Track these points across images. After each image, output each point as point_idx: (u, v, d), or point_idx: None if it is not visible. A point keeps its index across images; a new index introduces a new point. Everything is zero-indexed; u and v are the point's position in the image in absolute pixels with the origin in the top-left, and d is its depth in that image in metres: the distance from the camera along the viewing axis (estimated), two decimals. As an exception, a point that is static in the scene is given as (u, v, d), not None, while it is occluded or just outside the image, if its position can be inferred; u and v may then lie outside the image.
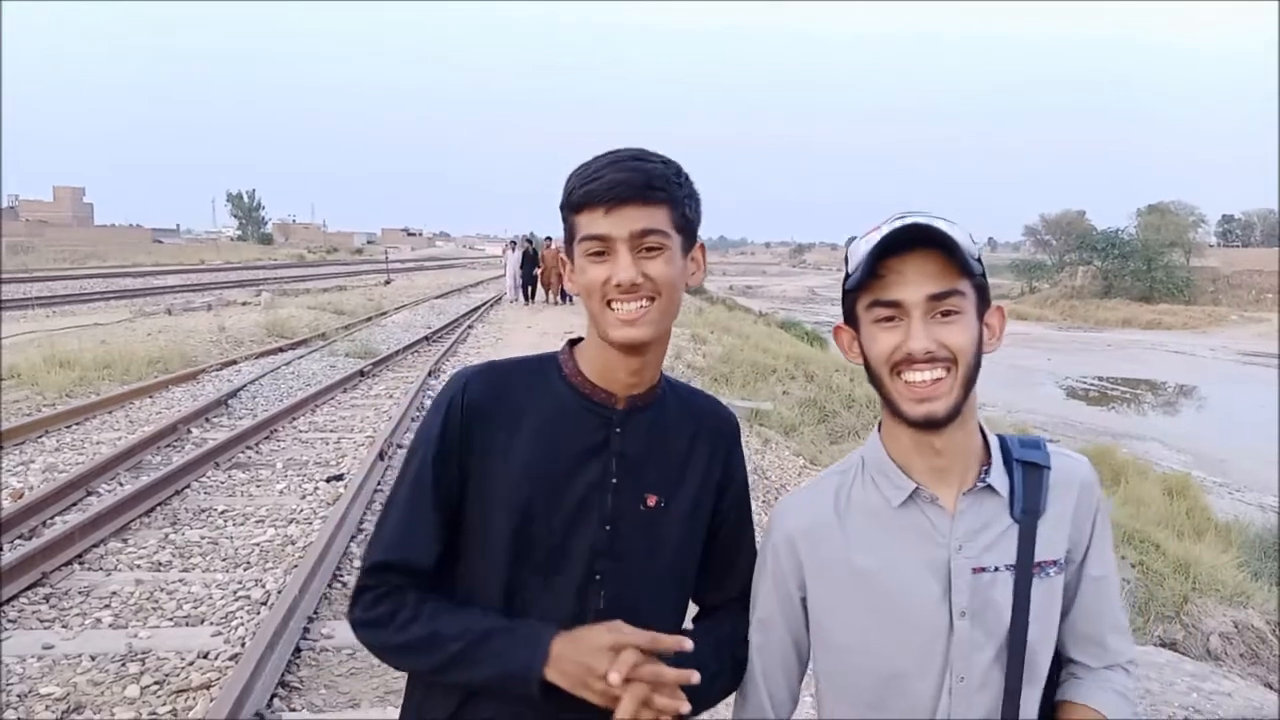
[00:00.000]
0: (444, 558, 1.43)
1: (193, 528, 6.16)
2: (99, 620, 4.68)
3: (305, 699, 4.00)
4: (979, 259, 1.33)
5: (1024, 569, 1.35)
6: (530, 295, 27.20)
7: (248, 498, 6.91)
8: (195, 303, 23.41)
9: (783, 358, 17.54)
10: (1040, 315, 53.17)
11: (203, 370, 12.51)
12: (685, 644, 1.33)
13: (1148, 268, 57.29)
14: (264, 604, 4.88)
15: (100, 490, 6.79)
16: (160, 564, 5.50)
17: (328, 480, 7.36)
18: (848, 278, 1.35)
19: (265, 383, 11.89)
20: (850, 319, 1.38)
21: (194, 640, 4.47)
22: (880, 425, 1.44)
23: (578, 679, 1.30)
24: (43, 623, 4.64)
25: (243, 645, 4.34)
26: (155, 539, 5.88)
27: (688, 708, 1.32)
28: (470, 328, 20.13)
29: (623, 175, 1.34)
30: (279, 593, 4.90)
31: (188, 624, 4.69)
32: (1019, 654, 1.34)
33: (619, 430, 1.44)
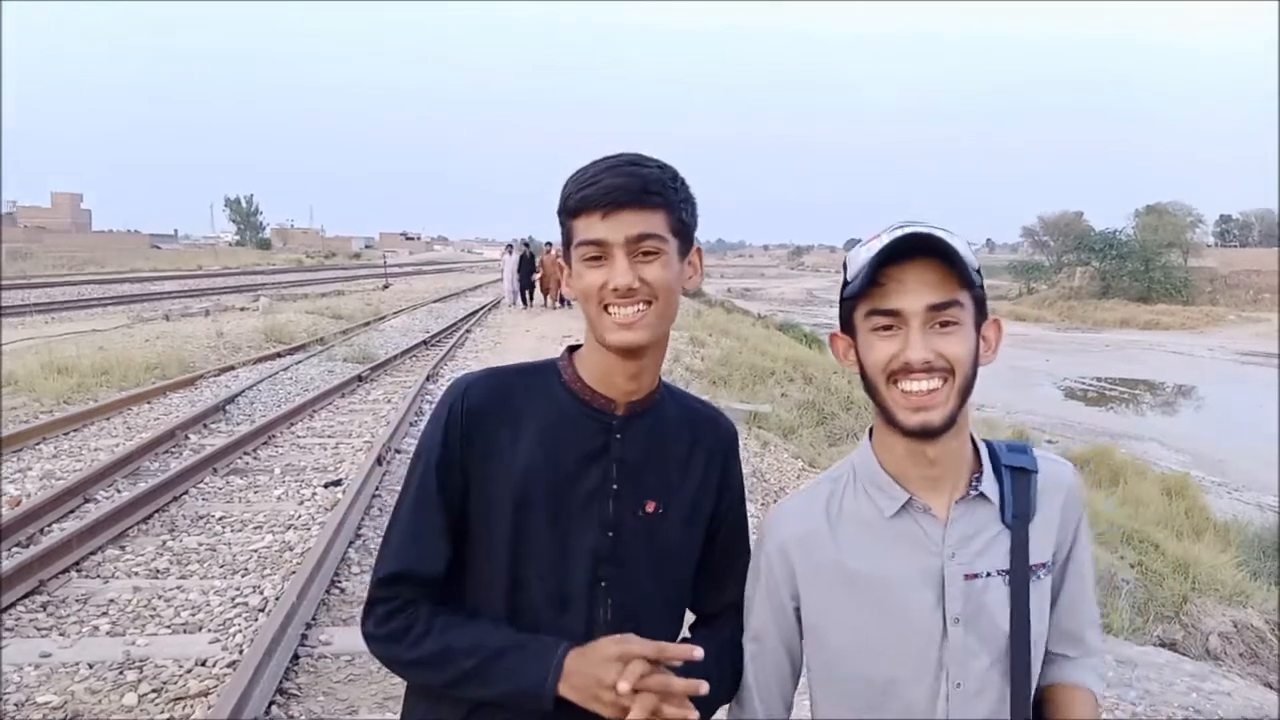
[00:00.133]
0: (452, 565, 1.43)
1: (191, 534, 6.14)
2: (96, 628, 4.67)
3: (304, 706, 3.99)
4: (978, 270, 1.33)
5: (1020, 573, 1.36)
6: (528, 299, 27.19)
7: (246, 504, 6.90)
8: (193, 308, 23.41)
9: (781, 360, 17.55)
10: (1038, 316, 53.22)
11: (201, 376, 12.49)
12: (695, 653, 1.33)
13: (1145, 268, 57.37)
14: (262, 611, 4.87)
15: (98, 497, 6.77)
16: (158, 571, 5.48)
17: (326, 486, 7.35)
18: (846, 285, 1.35)
19: (263, 388, 11.87)
20: (847, 326, 1.38)
21: (192, 647, 4.46)
22: (871, 433, 1.44)
23: (589, 692, 1.30)
24: (40, 631, 4.63)
25: (241, 652, 4.33)
26: (153, 546, 5.86)
27: (695, 716, 1.32)
28: (468, 332, 20.12)
29: (619, 180, 1.34)
30: (277, 599, 4.89)
31: (186, 631, 4.68)
32: (1024, 658, 1.35)
33: (619, 436, 1.44)
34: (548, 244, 26.30)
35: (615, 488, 1.43)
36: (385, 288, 36.17)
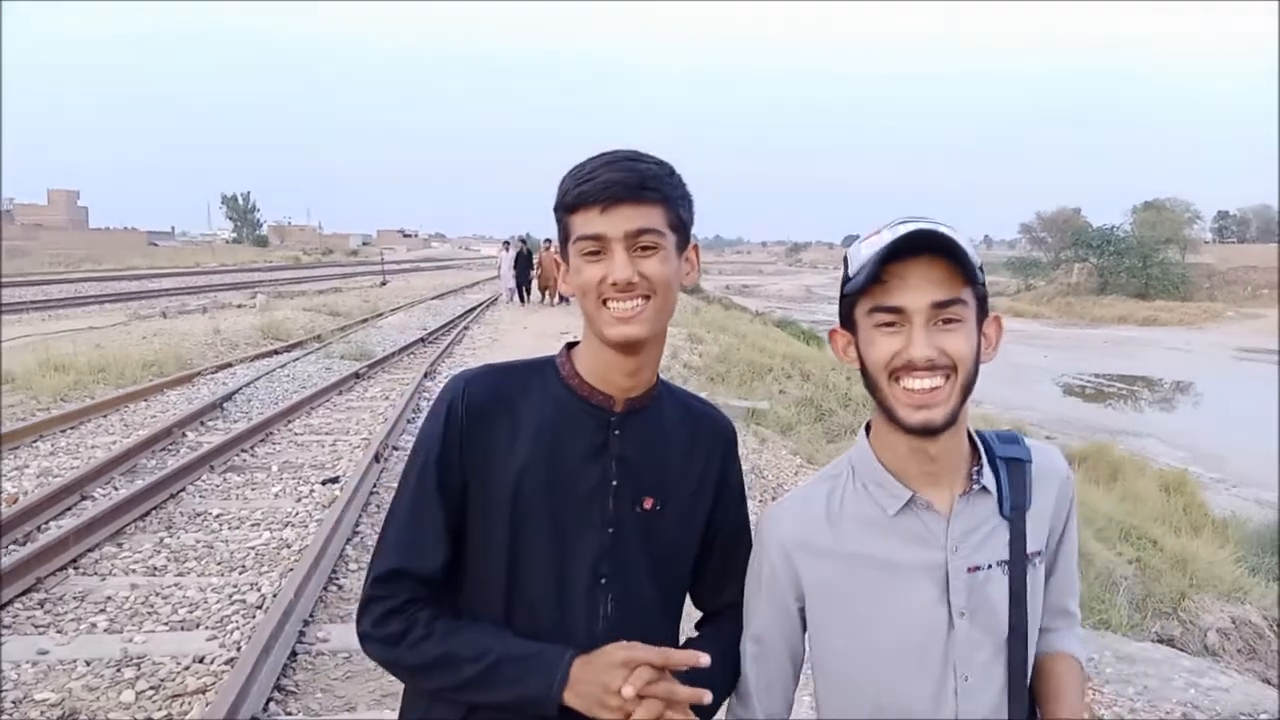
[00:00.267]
0: (450, 563, 1.42)
1: (188, 531, 6.13)
2: (94, 625, 4.66)
3: (301, 703, 3.98)
4: (980, 267, 1.33)
5: (1018, 563, 1.37)
6: (525, 296, 27.14)
7: (243, 501, 6.88)
8: (190, 305, 23.37)
9: (779, 357, 17.54)
10: (1036, 313, 53.30)
11: (198, 373, 12.47)
12: (701, 659, 1.33)
13: (1143, 264, 57.46)
14: (259, 608, 4.86)
15: (95, 494, 6.76)
16: (155, 568, 5.47)
17: (323, 483, 7.34)
18: (847, 281, 1.34)
19: (260, 385, 11.85)
20: (847, 322, 1.37)
21: (189, 644, 4.45)
22: (868, 430, 1.44)
23: (594, 699, 1.30)
24: (38, 628, 4.62)
25: (238, 649, 4.32)
26: (150, 543, 5.85)
27: None
28: (466, 329, 20.11)
29: (617, 175, 1.34)
30: (274, 596, 4.88)
31: (183, 628, 4.66)
32: (1022, 646, 1.37)
33: (617, 433, 1.44)
34: (546, 241, 26.22)
35: (614, 484, 1.43)
36: (383, 285, 36.14)
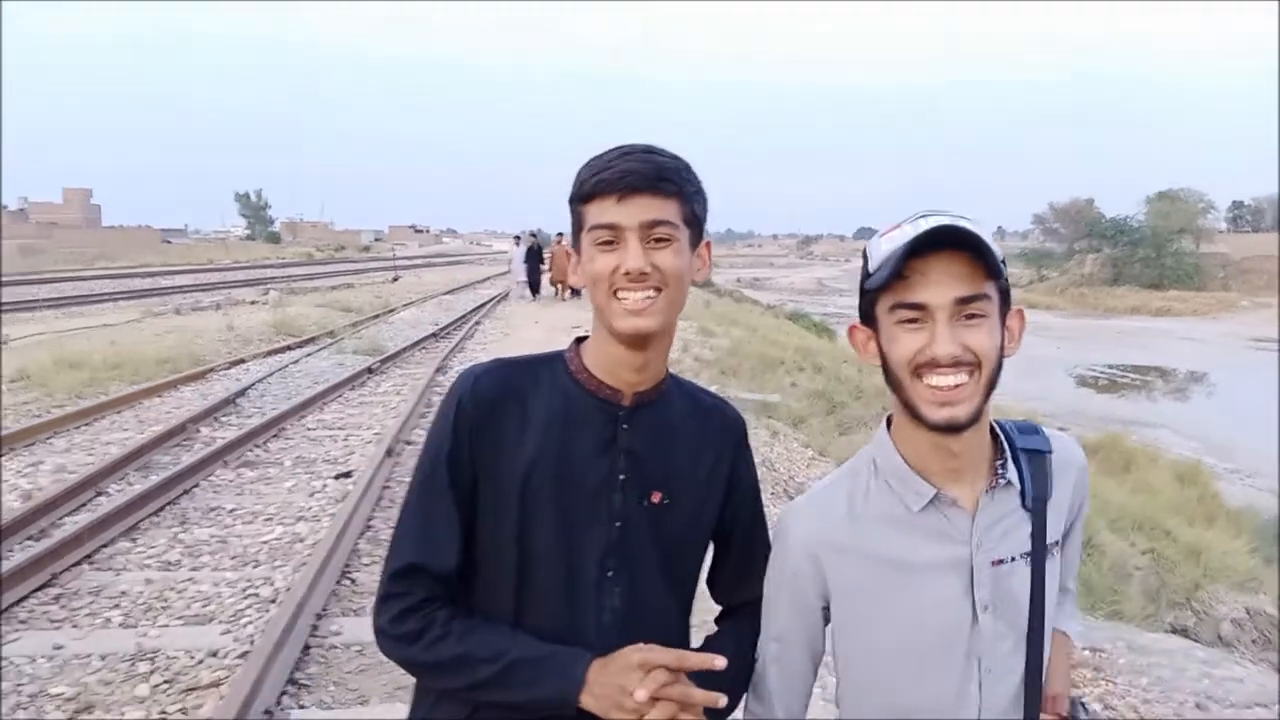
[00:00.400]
0: (463, 557, 1.43)
1: (202, 526, 6.17)
2: (109, 620, 4.69)
3: (314, 696, 4.01)
4: (1003, 261, 1.31)
5: (1039, 555, 1.37)
6: (536, 291, 27.11)
7: (256, 496, 6.92)
8: (204, 302, 23.47)
9: (791, 349, 17.53)
10: (1050, 303, 52.97)
11: (211, 369, 12.55)
12: (717, 662, 1.33)
13: (1157, 255, 57.08)
14: (273, 602, 4.89)
15: (109, 490, 6.81)
16: (169, 563, 5.51)
17: (336, 478, 7.38)
18: (868, 276, 1.33)
19: (273, 381, 11.92)
20: (867, 318, 1.36)
21: (203, 639, 4.48)
22: (889, 425, 1.42)
23: (610, 701, 1.30)
24: (53, 623, 4.65)
25: (252, 643, 4.34)
26: (164, 538, 5.89)
27: None
28: (478, 324, 20.13)
29: (635, 165, 1.34)
30: (288, 590, 4.91)
31: (197, 623, 4.69)
32: (1039, 636, 1.37)
33: (625, 427, 1.44)
34: (558, 235, 26.19)
35: (622, 478, 1.43)
36: (394, 280, 36.22)
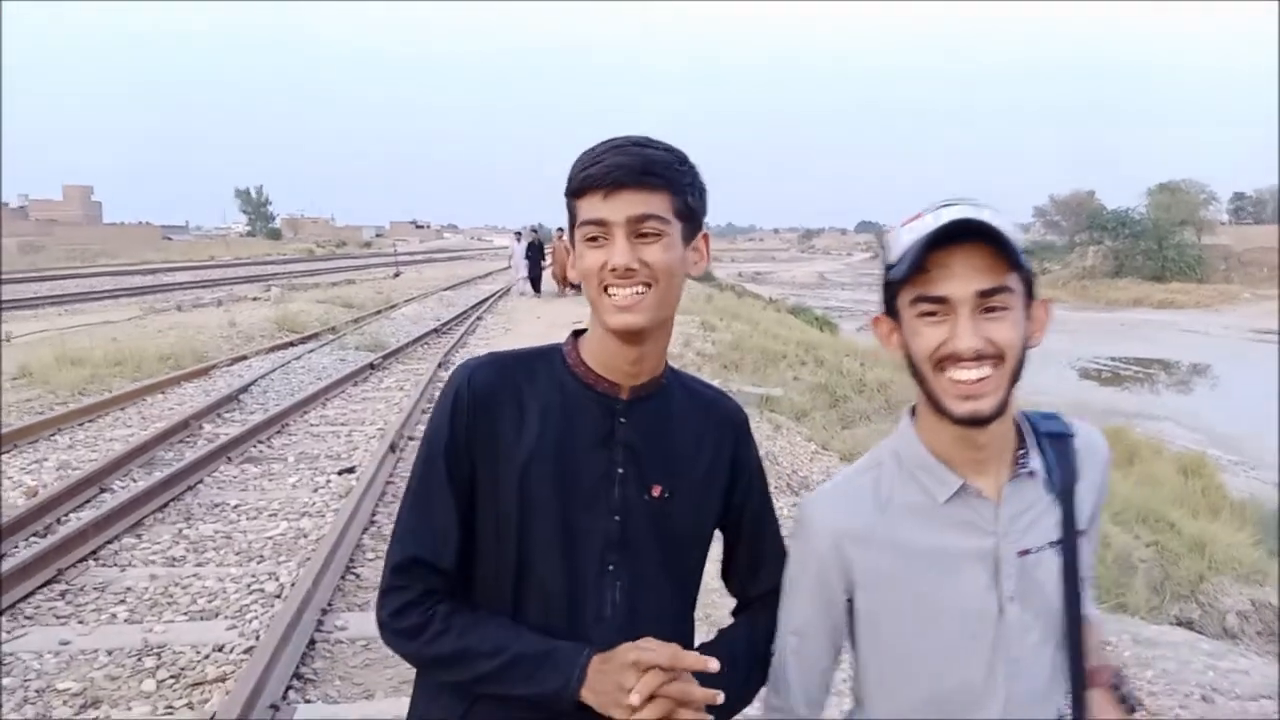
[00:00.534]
0: (464, 551, 1.42)
1: (206, 522, 6.18)
2: (114, 616, 4.70)
3: (320, 690, 4.01)
4: (1027, 251, 1.29)
5: (1070, 543, 1.35)
6: (537, 286, 27.06)
7: (260, 492, 6.93)
8: (205, 299, 23.49)
9: (793, 343, 17.53)
10: (1051, 296, 51.30)
11: (214, 366, 12.55)
12: (710, 664, 1.31)
13: (1159, 247, 57.00)
14: (278, 597, 4.90)
15: (114, 487, 6.81)
16: (174, 559, 5.51)
17: (339, 473, 7.38)
18: (889, 268, 1.31)
19: (276, 377, 11.92)
20: (890, 310, 1.34)
21: (209, 634, 4.49)
22: (913, 416, 1.40)
23: (609, 697, 1.30)
24: (59, 619, 4.66)
25: (257, 638, 4.35)
26: (169, 534, 5.90)
27: None
28: (479, 319, 20.14)
29: (622, 160, 1.32)
30: (292, 585, 4.92)
31: (202, 618, 4.70)
32: (1076, 624, 1.35)
33: (624, 420, 1.42)
34: (559, 230, 26.12)
35: (621, 472, 1.41)
36: (396, 276, 36.22)
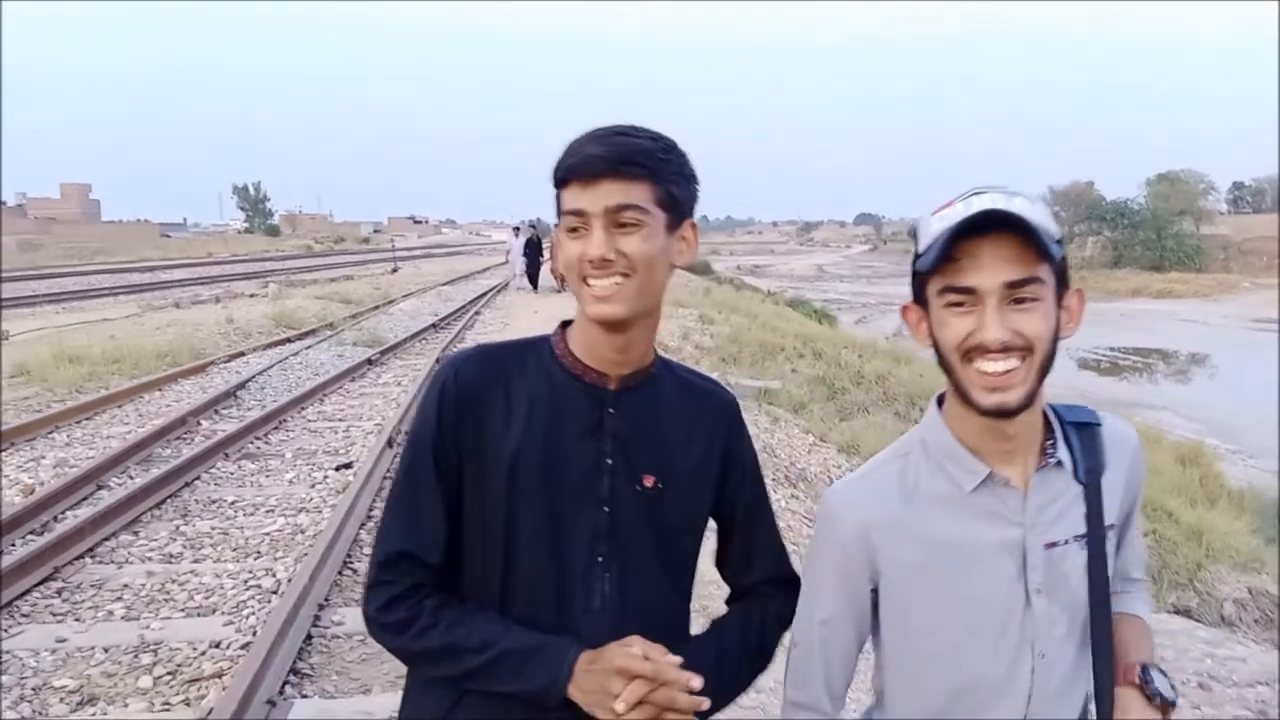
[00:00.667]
0: (449, 544, 1.41)
1: (203, 519, 6.18)
2: (111, 613, 4.70)
3: (317, 685, 4.01)
4: (1059, 241, 1.27)
5: (1096, 537, 1.34)
6: (535, 281, 27.01)
7: (257, 488, 6.93)
8: (203, 296, 23.45)
9: (791, 336, 17.53)
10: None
11: (211, 362, 12.53)
12: (694, 683, 1.30)
13: (1158, 237, 57.04)
14: (275, 593, 4.89)
15: (110, 484, 6.80)
16: (171, 555, 5.51)
17: (337, 469, 7.38)
18: (918, 257, 1.30)
19: (274, 373, 11.91)
20: (919, 298, 1.33)
21: (206, 630, 4.48)
22: (941, 405, 1.40)
23: (594, 698, 1.29)
24: (55, 616, 4.66)
25: (254, 634, 4.35)
26: (166, 531, 5.90)
27: None
28: (478, 314, 20.13)
29: (601, 150, 1.30)
30: (290, 581, 4.91)
31: (199, 614, 4.70)
32: (1104, 621, 1.34)
33: (612, 411, 1.41)
34: (557, 224, 25.92)
35: (610, 463, 1.40)
36: (394, 272, 36.19)
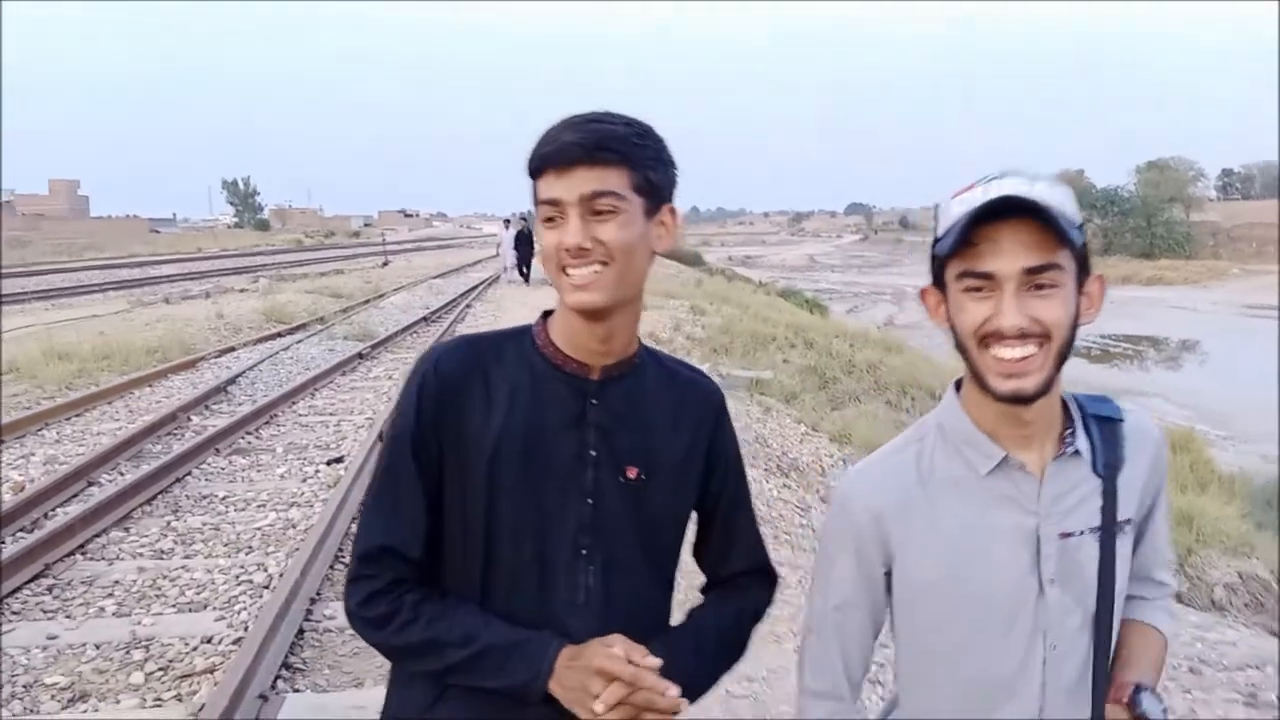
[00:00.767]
0: (431, 537, 1.40)
1: (194, 514, 6.16)
2: (102, 609, 4.69)
3: (309, 679, 4.01)
4: (1080, 226, 1.26)
5: (1109, 530, 1.33)
6: (526, 275, 26.96)
7: (248, 483, 6.91)
8: (193, 291, 23.39)
9: (782, 326, 17.53)
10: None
11: (201, 358, 12.50)
12: (670, 691, 1.29)
13: (1148, 224, 57.22)
14: (266, 587, 4.89)
15: (101, 480, 6.79)
16: (162, 551, 5.50)
17: (328, 463, 7.37)
18: (937, 241, 1.29)
19: (264, 368, 11.89)
20: (938, 281, 1.32)
21: (197, 626, 4.48)
22: (959, 390, 1.39)
23: (574, 695, 1.29)
24: (46, 613, 4.64)
25: (246, 629, 4.34)
26: (157, 527, 5.88)
27: None
28: (469, 307, 20.09)
29: (574, 137, 1.29)
30: (281, 576, 4.91)
31: (191, 610, 4.70)
32: (1109, 615, 1.33)
33: (595, 401, 1.40)
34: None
35: (593, 454, 1.39)
36: (384, 265, 36.11)
